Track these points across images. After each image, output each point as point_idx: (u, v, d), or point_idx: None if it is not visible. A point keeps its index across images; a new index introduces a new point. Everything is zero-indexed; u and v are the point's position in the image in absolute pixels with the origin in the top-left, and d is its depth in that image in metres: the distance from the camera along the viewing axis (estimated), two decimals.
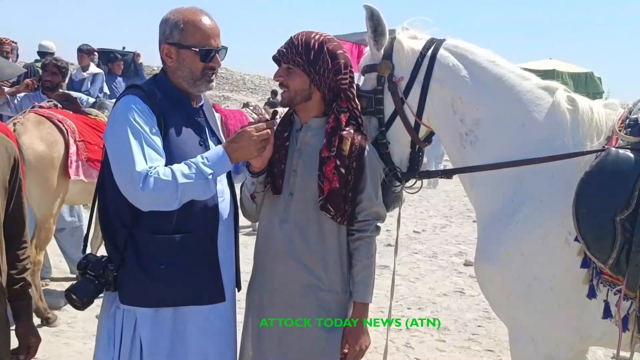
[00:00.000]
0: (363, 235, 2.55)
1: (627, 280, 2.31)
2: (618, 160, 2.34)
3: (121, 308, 2.44)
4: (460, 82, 2.68)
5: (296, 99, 2.54)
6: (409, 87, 2.71)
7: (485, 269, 2.64)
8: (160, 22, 2.49)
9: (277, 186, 2.56)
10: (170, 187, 2.27)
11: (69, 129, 5.08)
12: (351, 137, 2.50)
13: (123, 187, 2.32)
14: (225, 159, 2.39)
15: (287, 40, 2.54)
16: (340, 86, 2.54)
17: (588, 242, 2.33)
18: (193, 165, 2.33)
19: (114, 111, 2.44)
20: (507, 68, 2.72)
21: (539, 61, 20.06)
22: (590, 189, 2.35)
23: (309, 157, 2.54)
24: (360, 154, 2.50)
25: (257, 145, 2.43)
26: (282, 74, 2.54)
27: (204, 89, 2.52)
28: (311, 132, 2.57)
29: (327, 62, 2.51)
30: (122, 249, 2.42)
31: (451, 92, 2.68)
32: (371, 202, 2.54)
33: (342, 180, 2.47)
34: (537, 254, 2.49)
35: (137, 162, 2.27)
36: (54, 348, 4.61)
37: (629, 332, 2.37)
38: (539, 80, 2.72)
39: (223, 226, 2.53)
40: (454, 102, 2.68)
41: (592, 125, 2.53)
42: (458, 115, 2.68)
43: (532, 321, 2.54)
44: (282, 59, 2.53)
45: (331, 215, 2.49)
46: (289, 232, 2.53)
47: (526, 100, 2.63)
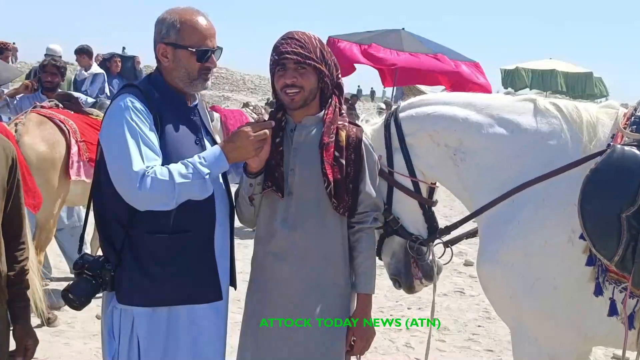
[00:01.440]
0: (363, 227, 2.55)
1: (633, 277, 2.31)
2: (624, 157, 2.35)
3: (118, 307, 2.44)
4: (429, 119, 2.78)
5: (309, 99, 2.50)
6: (390, 157, 2.81)
7: (488, 270, 2.64)
8: (156, 21, 2.48)
9: (281, 186, 2.53)
10: (167, 187, 2.26)
11: (70, 129, 5.07)
12: (347, 129, 2.51)
13: (120, 186, 2.31)
14: (222, 158, 2.38)
15: (288, 41, 2.47)
16: (337, 80, 2.57)
17: (594, 239, 2.33)
18: (190, 165, 2.32)
19: (109, 110, 2.43)
20: (474, 96, 2.85)
21: (539, 61, 20.06)
22: (596, 186, 2.35)
23: (306, 155, 2.51)
24: (357, 145, 2.50)
25: (254, 145, 2.41)
26: (295, 74, 2.46)
27: (200, 89, 2.52)
28: (306, 130, 2.54)
29: (331, 58, 2.54)
30: (119, 248, 2.41)
31: (425, 131, 2.77)
32: (370, 193, 2.54)
33: (343, 171, 2.47)
34: (540, 254, 2.49)
35: (134, 162, 2.25)
36: (54, 348, 4.60)
37: (635, 330, 2.37)
38: (512, 97, 2.84)
39: (219, 225, 2.53)
40: (432, 137, 2.76)
41: (584, 120, 2.56)
42: (441, 145, 2.75)
43: (536, 321, 2.54)
44: (295, 59, 2.45)
45: (335, 205, 2.48)
46: (290, 231, 2.50)
47: (506, 113, 2.69)
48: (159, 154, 2.33)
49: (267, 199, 2.57)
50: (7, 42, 8.31)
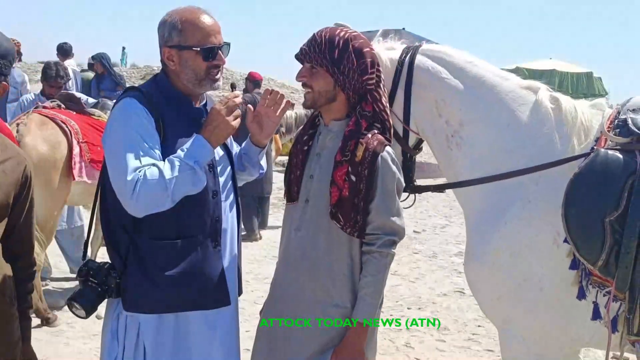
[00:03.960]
0: (371, 250, 2.36)
1: (616, 281, 2.31)
2: (607, 161, 2.34)
3: (124, 314, 2.41)
4: (441, 84, 2.70)
5: (320, 101, 2.42)
6: (392, 96, 2.71)
7: (475, 269, 2.64)
8: (159, 25, 2.43)
9: (292, 193, 2.48)
10: (158, 187, 2.22)
11: (72, 130, 5.07)
12: (367, 142, 2.33)
13: (119, 196, 2.28)
14: (203, 144, 2.31)
15: (310, 38, 2.40)
16: (367, 87, 2.39)
17: (577, 243, 2.34)
18: (175, 160, 2.27)
19: (111, 115, 2.40)
20: (486, 68, 2.75)
21: (539, 61, 20.09)
22: (580, 190, 2.35)
23: (327, 161, 2.40)
24: (372, 161, 2.32)
25: (230, 119, 2.34)
26: (305, 74, 2.40)
27: (209, 89, 2.44)
28: (331, 135, 2.44)
29: (353, 62, 2.35)
30: (124, 255, 2.37)
31: (434, 94, 2.70)
32: (380, 214, 2.35)
33: (353, 188, 2.32)
34: (526, 254, 2.49)
35: (129, 171, 2.22)
36: (54, 348, 4.62)
37: (618, 334, 2.37)
38: (519, 80, 2.75)
39: (226, 228, 2.49)
40: (438, 104, 2.70)
41: (577, 123, 2.55)
42: (443, 118, 2.70)
43: (523, 321, 2.54)
44: (305, 58, 2.40)
45: (340, 225, 2.35)
46: (302, 240, 2.43)
47: (509, 100, 2.65)
48: (158, 159, 2.29)
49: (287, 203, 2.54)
50: (12, 38, 8.32)
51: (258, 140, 2.63)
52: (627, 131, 2.40)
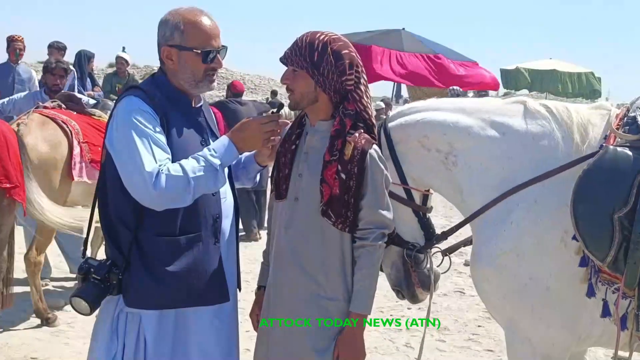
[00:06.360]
0: (364, 244, 2.44)
1: (625, 278, 2.32)
2: (616, 158, 2.36)
3: (125, 311, 2.42)
4: (418, 126, 2.76)
5: (302, 102, 2.49)
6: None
7: (481, 270, 2.64)
8: (159, 23, 2.45)
9: (280, 191, 2.53)
10: (182, 183, 2.25)
11: (72, 130, 5.06)
12: (355, 141, 2.40)
13: (134, 189, 2.28)
14: (232, 148, 2.37)
15: (294, 43, 2.48)
16: (347, 87, 2.45)
17: (586, 240, 2.34)
18: (201, 158, 2.31)
19: (115, 113, 2.40)
20: (464, 100, 2.85)
21: (539, 61, 20.08)
22: (589, 186, 2.36)
23: (315, 161, 2.46)
24: (362, 158, 2.39)
25: (262, 136, 2.42)
26: (288, 76, 2.48)
27: (205, 90, 2.50)
28: (318, 135, 2.50)
29: (331, 63, 2.42)
30: (126, 252, 2.39)
31: (416, 139, 2.75)
32: (372, 209, 2.43)
33: (343, 186, 2.39)
34: (532, 254, 2.49)
35: (146, 163, 2.24)
36: (54, 348, 4.60)
37: (628, 331, 2.37)
38: (501, 100, 2.82)
39: (225, 226, 2.53)
40: (422, 142, 2.74)
41: (574, 122, 2.57)
42: (432, 151, 2.74)
43: (529, 321, 2.54)
44: (288, 62, 2.47)
45: (332, 221, 2.42)
46: (293, 237, 2.48)
47: (497, 115, 2.70)
48: (169, 153, 2.33)
49: (276, 201, 2.57)
50: (17, 35, 8.31)
51: (263, 161, 2.68)
52: (637, 128, 2.42)
